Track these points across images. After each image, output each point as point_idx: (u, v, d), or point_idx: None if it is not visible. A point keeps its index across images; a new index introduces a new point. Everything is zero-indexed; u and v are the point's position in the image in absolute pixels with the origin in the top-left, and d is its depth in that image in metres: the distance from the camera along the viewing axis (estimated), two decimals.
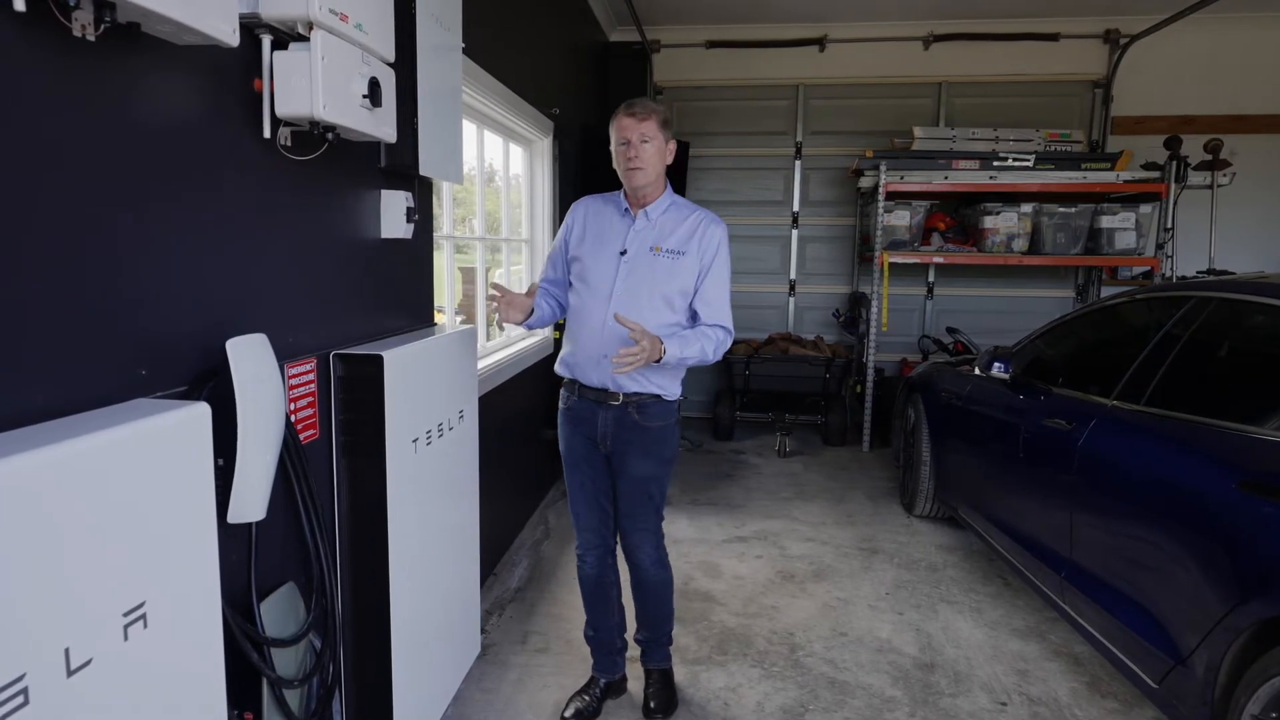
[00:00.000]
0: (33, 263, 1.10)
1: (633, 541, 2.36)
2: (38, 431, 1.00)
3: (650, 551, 2.37)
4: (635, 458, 2.27)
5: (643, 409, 2.24)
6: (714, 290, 2.21)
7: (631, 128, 2.14)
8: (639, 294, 2.19)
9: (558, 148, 4.30)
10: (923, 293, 6.28)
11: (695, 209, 2.27)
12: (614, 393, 2.23)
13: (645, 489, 2.30)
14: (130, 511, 1.06)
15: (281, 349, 1.67)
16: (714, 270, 2.20)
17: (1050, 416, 2.87)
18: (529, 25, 3.79)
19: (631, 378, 2.20)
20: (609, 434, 2.26)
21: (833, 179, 6.28)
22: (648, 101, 2.19)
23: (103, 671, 1.01)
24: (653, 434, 2.26)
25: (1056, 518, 2.72)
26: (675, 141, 2.27)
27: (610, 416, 2.25)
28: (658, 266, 2.19)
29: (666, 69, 6.24)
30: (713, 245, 2.20)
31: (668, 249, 2.19)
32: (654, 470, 2.29)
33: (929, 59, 6.05)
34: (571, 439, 2.35)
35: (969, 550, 3.82)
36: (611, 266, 2.23)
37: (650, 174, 2.17)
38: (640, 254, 2.21)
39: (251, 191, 1.55)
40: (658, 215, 2.24)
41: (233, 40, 1.27)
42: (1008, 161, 5.35)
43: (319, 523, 1.65)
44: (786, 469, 5.20)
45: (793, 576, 3.51)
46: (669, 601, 2.48)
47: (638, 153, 2.14)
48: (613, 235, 2.26)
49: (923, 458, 4.11)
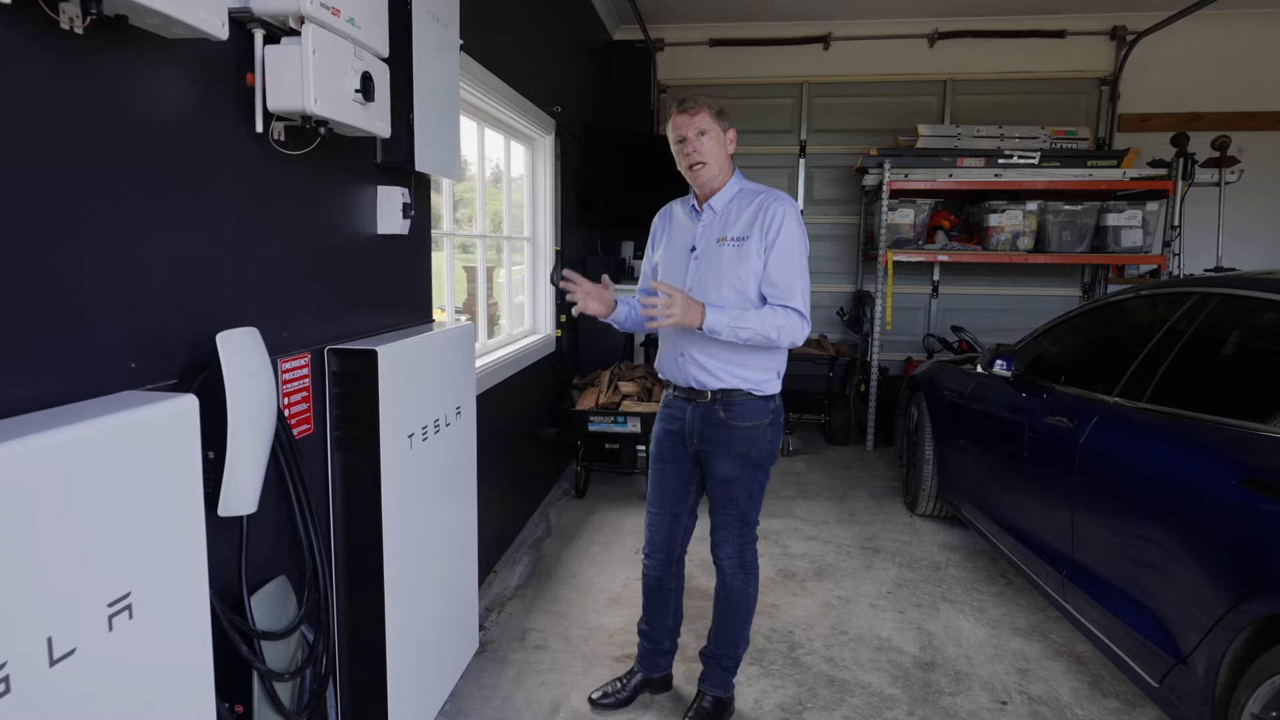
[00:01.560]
0: (21, 255, 1.10)
1: (716, 542, 2.31)
2: (20, 422, 1.00)
3: (732, 555, 2.28)
4: (720, 458, 2.20)
5: (730, 407, 2.17)
6: (778, 269, 2.09)
7: (685, 124, 2.12)
8: (707, 286, 2.16)
9: (560, 146, 4.30)
10: (928, 291, 6.26)
11: (763, 191, 2.18)
12: (700, 390, 2.19)
13: (729, 492, 2.23)
14: (115, 502, 1.06)
15: (275, 343, 1.67)
16: (778, 247, 2.08)
17: (1052, 414, 2.85)
18: (531, 24, 3.79)
19: (711, 373, 2.16)
20: (695, 432, 2.23)
21: (837, 177, 6.26)
22: (698, 95, 2.15)
23: (86, 662, 1.01)
24: (740, 434, 2.17)
25: (1058, 516, 2.71)
26: (735, 130, 2.22)
27: (697, 414, 2.21)
28: (725, 256, 2.14)
29: (670, 67, 6.24)
30: (776, 222, 2.09)
31: (733, 237, 2.14)
32: (739, 473, 2.20)
33: (934, 56, 6.02)
34: (661, 436, 2.33)
35: (972, 549, 3.80)
36: (683, 264, 2.22)
37: (714, 168, 2.14)
38: (708, 247, 2.18)
39: (243, 186, 1.55)
40: (722, 205, 2.20)
41: (221, 34, 1.27)
42: (1013, 159, 5.32)
43: (312, 516, 1.65)
44: (790, 468, 5.18)
45: (794, 575, 3.50)
46: (745, 619, 2.36)
47: (695, 148, 2.12)
48: (684, 235, 2.26)
49: (925, 456, 4.09)
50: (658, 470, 2.37)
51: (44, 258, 1.14)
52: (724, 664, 2.41)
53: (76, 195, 1.19)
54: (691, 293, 2.15)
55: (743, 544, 2.31)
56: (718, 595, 2.38)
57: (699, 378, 2.19)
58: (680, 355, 2.22)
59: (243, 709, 1.43)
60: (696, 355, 2.18)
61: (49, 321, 1.14)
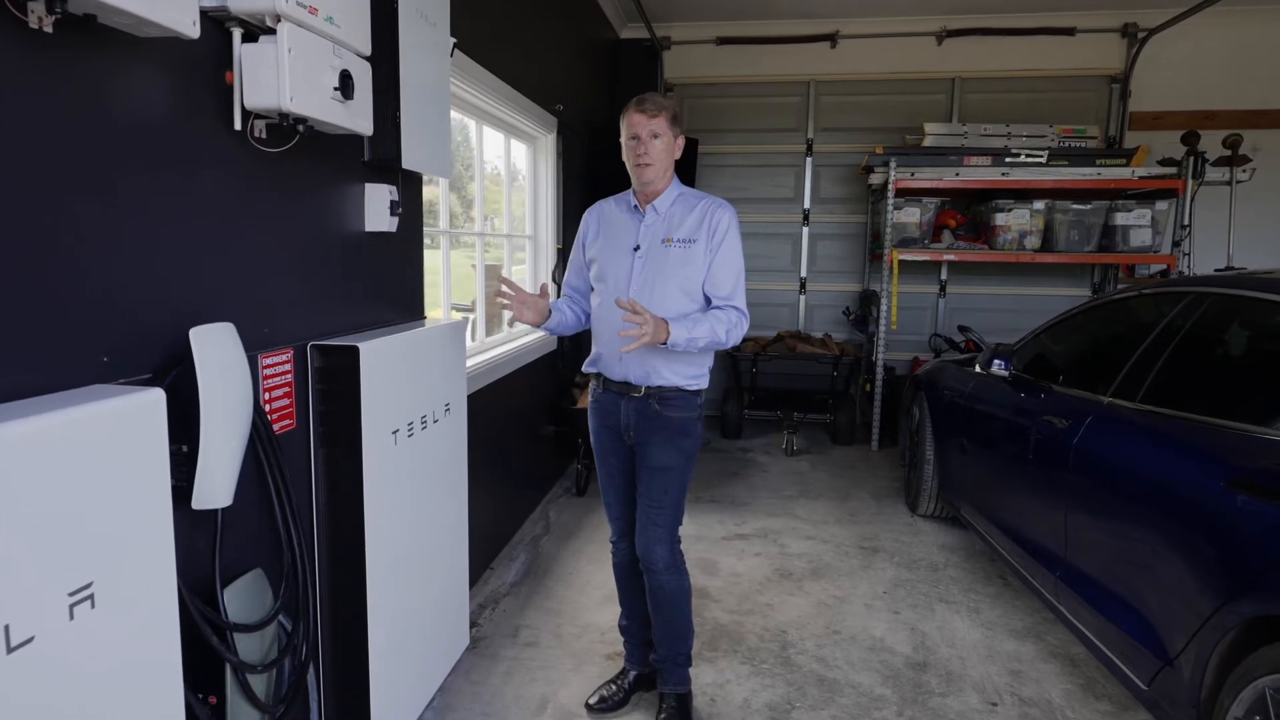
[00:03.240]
0: None
1: (646, 540, 2.29)
2: None
3: (663, 553, 2.28)
4: (655, 447, 2.25)
5: (664, 400, 2.23)
6: (722, 271, 2.20)
7: (642, 124, 2.17)
8: (654, 286, 2.21)
9: (562, 144, 4.31)
10: (935, 291, 6.22)
11: (703, 197, 2.27)
12: (636, 385, 2.25)
13: (663, 483, 2.26)
14: (78, 494, 1.08)
15: (257, 339, 1.69)
16: (722, 251, 2.19)
17: (1048, 414, 2.83)
18: (532, 22, 3.80)
19: (655, 370, 2.21)
20: (632, 425, 2.28)
21: (844, 176, 6.23)
22: (658, 98, 2.21)
23: (46, 650, 1.03)
24: (674, 425, 2.24)
25: (1052, 517, 2.68)
26: (684, 137, 2.29)
27: (632, 408, 2.27)
28: (671, 257, 2.21)
29: (677, 66, 6.23)
30: (721, 228, 2.19)
31: (679, 239, 2.21)
32: (673, 461, 2.25)
33: (942, 54, 5.98)
34: (599, 431, 2.38)
35: (971, 550, 3.78)
36: (626, 263, 2.26)
37: (658, 169, 2.21)
38: (653, 247, 2.24)
39: (222, 183, 1.57)
40: (666, 207, 2.26)
41: (193, 32, 1.29)
42: (1020, 158, 5.28)
43: (291, 509, 1.67)
44: (793, 467, 5.17)
45: (790, 574, 3.49)
46: (686, 615, 2.37)
47: (647, 149, 2.18)
48: (625, 233, 2.30)
49: (926, 456, 4.07)
50: (604, 463, 2.41)
51: (16, 253, 1.16)
52: (679, 661, 2.41)
53: (49, 191, 1.21)
54: (637, 290, 2.21)
55: (673, 542, 2.33)
56: (655, 599, 2.34)
57: (641, 373, 2.24)
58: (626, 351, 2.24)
59: (216, 700, 1.45)
60: (646, 353, 2.21)
61: (20, 315, 1.17)
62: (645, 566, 2.31)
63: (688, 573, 2.37)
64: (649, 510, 2.28)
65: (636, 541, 2.32)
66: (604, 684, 2.53)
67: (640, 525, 2.30)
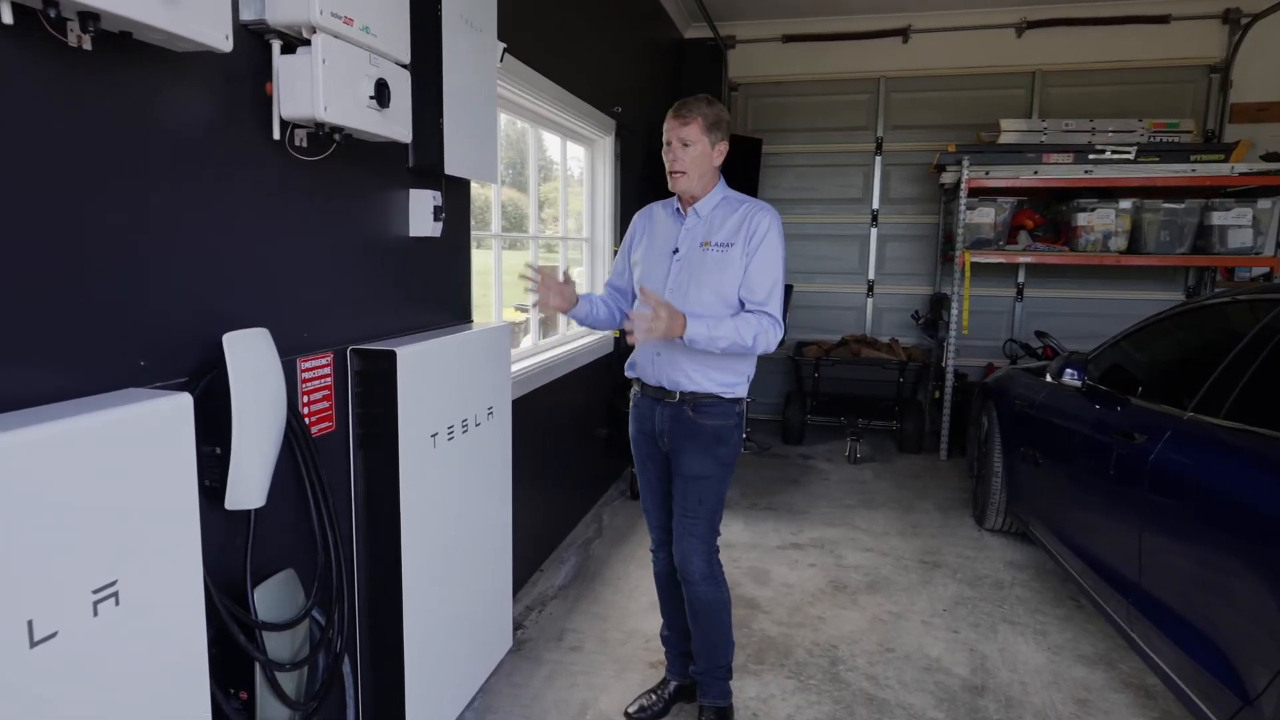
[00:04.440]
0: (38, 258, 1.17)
1: (682, 550, 2.25)
2: (10, 417, 1.06)
3: (699, 564, 2.24)
4: (689, 455, 2.21)
5: (699, 407, 2.19)
6: (758, 276, 2.12)
7: (673, 130, 2.13)
8: (689, 290, 2.18)
9: (620, 146, 4.30)
10: (1012, 294, 5.95)
11: (746, 201, 2.21)
12: (671, 390, 2.22)
13: (697, 492, 2.22)
14: (105, 495, 1.12)
15: (296, 343, 1.73)
16: (759, 255, 2.12)
17: (1123, 428, 2.65)
18: (589, 25, 3.80)
19: (688, 376, 2.18)
20: (666, 431, 2.25)
21: (915, 175, 6.03)
22: (697, 102, 2.14)
23: (69, 645, 1.07)
24: (709, 432, 2.19)
25: (1125, 539, 2.51)
26: (727, 142, 2.19)
27: (667, 414, 2.24)
28: (708, 261, 2.17)
29: (741, 65, 6.15)
30: (760, 231, 2.12)
31: (717, 242, 2.17)
32: (708, 470, 2.20)
33: (1021, 47, 5.71)
34: (637, 436, 2.37)
35: (1040, 569, 3.59)
36: (664, 266, 2.24)
37: (692, 179, 2.16)
38: (691, 251, 2.20)
39: (261, 192, 1.61)
40: (708, 211, 2.22)
41: (225, 46, 1.32)
42: (1105, 154, 4.99)
43: (327, 510, 1.70)
44: (855, 476, 5.03)
45: (844, 587, 3.39)
46: (724, 626, 2.32)
47: (677, 156, 2.14)
48: (667, 236, 2.27)
49: (994, 468, 3.89)
50: (643, 469, 2.39)
51: (59, 261, 1.21)
52: (718, 674, 2.37)
53: (93, 202, 1.26)
54: (671, 293, 2.18)
55: (710, 552, 2.28)
56: (692, 610, 2.31)
57: (673, 378, 2.21)
58: (658, 355, 2.23)
59: (247, 695, 1.48)
60: (677, 357, 2.19)
61: (61, 321, 1.22)
62: (682, 577, 2.27)
63: (726, 584, 2.32)
64: (684, 519, 2.24)
65: (674, 551, 2.28)
66: (644, 693, 2.50)
67: (676, 535, 2.27)
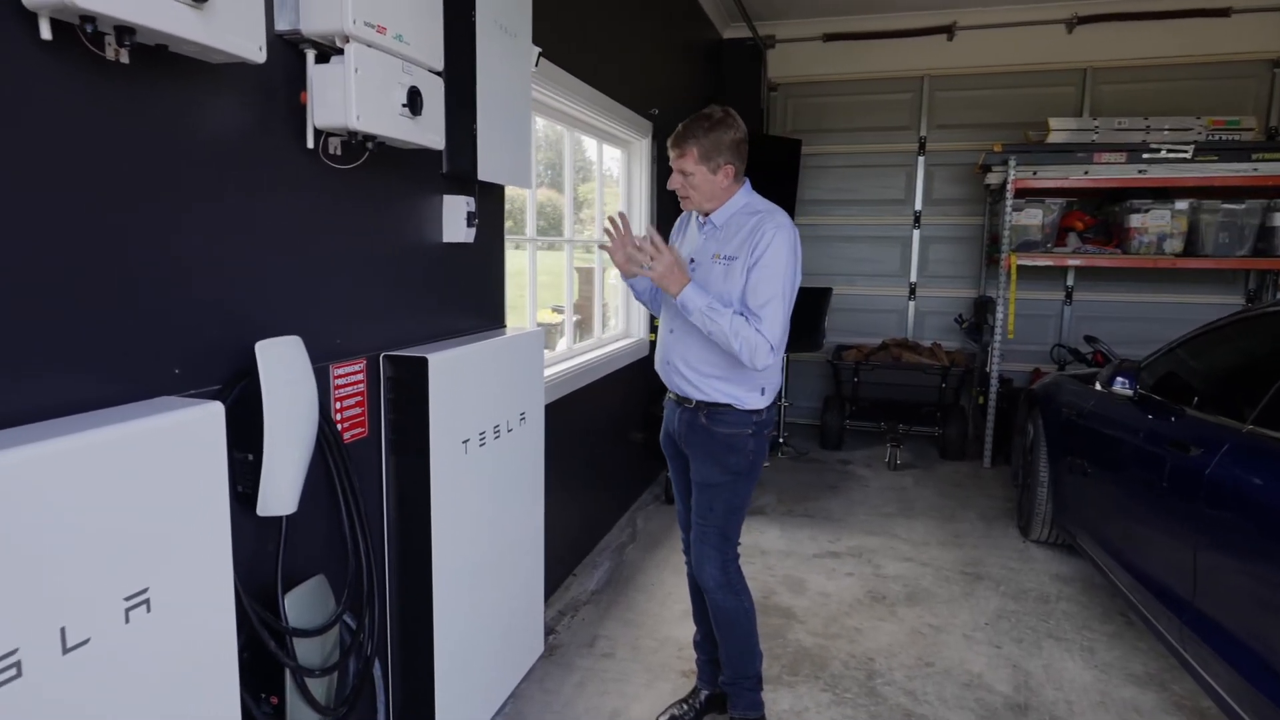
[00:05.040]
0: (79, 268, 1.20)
1: (697, 556, 2.25)
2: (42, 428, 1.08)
3: (713, 572, 2.22)
4: (700, 461, 2.21)
5: (713, 415, 2.18)
6: (754, 291, 2.04)
7: (672, 159, 2.16)
8: None
9: (657, 148, 4.28)
10: (1060, 297, 5.78)
11: (760, 211, 2.15)
12: (687, 397, 2.21)
13: (708, 499, 2.21)
14: (136, 503, 1.13)
15: (329, 349, 1.75)
16: (759, 267, 2.04)
17: (1178, 440, 2.55)
18: (626, 27, 3.79)
19: (693, 385, 2.17)
20: (681, 436, 2.26)
21: (959, 175, 5.90)
22: (692, 130, 2.09)
23: (101, 651, 1.08)
24: (720, 440, 2.17)
25: (1178, 555, 2.41)
26: (735, 162, 2.13)
27: (683, 419, 2.24)
28: (714, 273, 2.14)
29: (781, 65, 6.08)
30: (764, 243, 2.05)
31: (725, 255, 2.14)
32: (717, 478, 2.18)
33: (1072, 43, 5.55)
34: (664, 437, 2.39)
35: (1088, 582, 3.47)
36: None
37: (700, 198, 2.17)
38: (704, 262, 2.19)
39: (294, 200, 1.62)
40: (723, 220, 2.19)
41: (259, 58, 1.33)
42: (1160, 153, 4.81)
43: (359, 515, 1.71)
44: (895, 482, 4.93)
45: (883, 598, 3.32)
46: (746, 636, 2.29)
47: (680, 184, 2.17)
48: (690, 244, 2.27)
49: (1040, 478, 3.78)
50: (671, 471, 2.41)
51: (97, 270, 1.23)
52: (746, 685, 2.34)
53: (130, 212, 1.28)
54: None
55: (725, 561, 2.24)
56: (714, 619, 2.30)
57: (682, 387, 2.22)
58: (667, 363, 2.26)
59: (278, 700, 1.50)
60: (680, 366, 2.20)
61: (99, 330, 1.24)
62: (700, 585, 2.27)
63: (748, 593, 2.29)
64: (698, 526, 2.24)
65: (691, 557, 2.26)
66: (675, 703, 2.47)
67: (693, 540, 2.28)
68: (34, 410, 1.13)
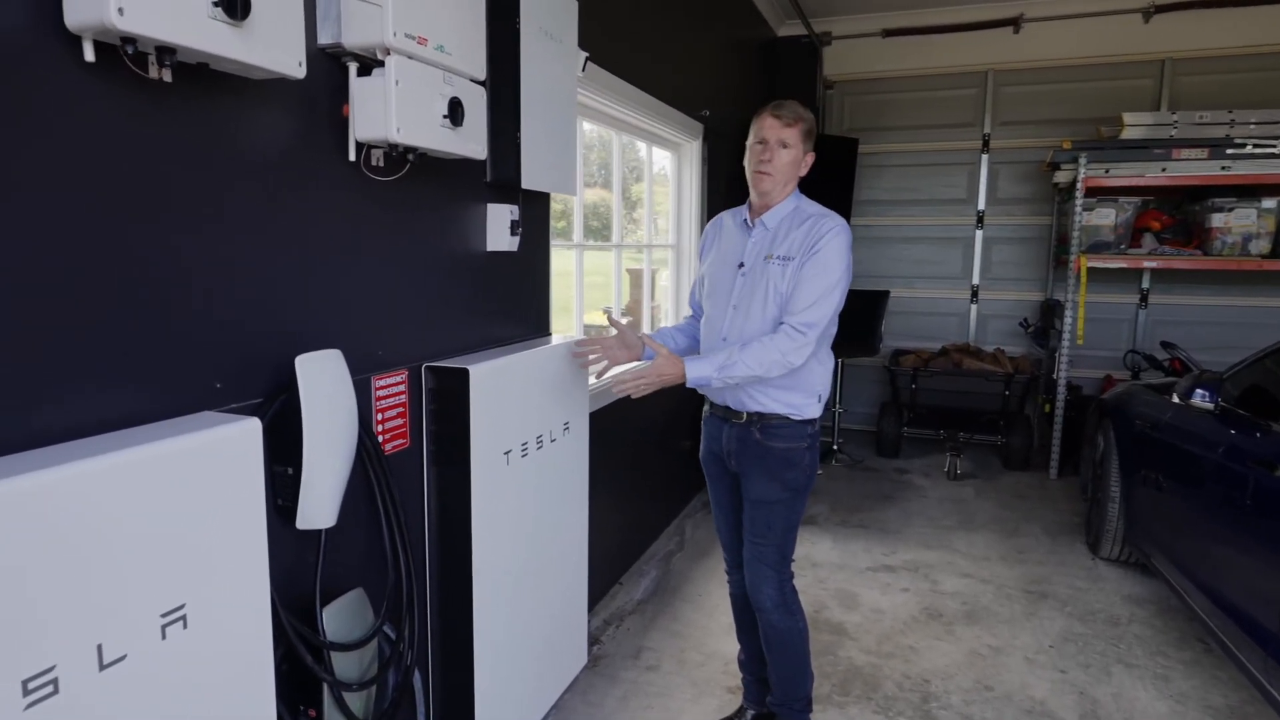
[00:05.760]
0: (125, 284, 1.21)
1: (752, 578, 2.18)
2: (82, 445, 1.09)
3: (770, 593, 2.16)
4: (756, 479, 2.13)
5: (767, 429, 2.10)
6: (803, 285, 1.99)
7: (773, 129, 2.05)
8: (753, 303, 2.09)
9: (708, 150, 4.22)
10: (1134, 301, 5.51)
11: (813, 213, 2.09)
12: (737, 410, 2.14)
13: (765, 518, 2.13)
14: (174, 520, 1.14)
15: (370, 361, 1.75)
16: (811, 263, 1.99)
17: (1263, 457, 2.38)
18: (676, 28, 3.74)
19: (750, 396, 2.10)
20: (733, 452, 2.18)
21: (1025, 174, 5.68)
22: (799, 107, 2.07)
23: (137, 668, 1.09)
24: (776, 455, 2.10)
25: (1264, 581, 2.26)
26: (814, 154, 2.13)
27: (734, 434, 2.16)
28: (770, 275, 2.06)
29: (838, 62, 5.94)
30: (823, 241, 2.00)
31: (779, 255, 2.07)
32: (775, 495, 2.11)
33: (1149, 33, 5.27)
34: (706, 455, 2.32)
35: (1163, 605, 3.28)
36: (730, 280, 2.16)
37: (778, 181, 2.07)
38: (756, 265, 2.11)
39: (337, 213, 1.63)
40: (775, 223, 2.12)
41: (299, 73, 1.33)
42: (1246, 148, 4.54)
43: (399, 527, 1.70)
44: (955, 493, 4.76)
45: (940, 615, 3.19)
46: (801, 657, 2.23)
47: (772, 156, 2.05)
48: (734, 249, 2.19)
49: (1111, 492, 3.59)
50: (712, 489, 2.34)
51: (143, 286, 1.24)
52: (796, 707, 2.27)
53: (174, 227, 1.29)
54: (735, 309, 2.12)
55: (782, 581, 2.17)
56: (766, 639, 2.22)
57: (738, 398, 2.13)
58: None
59: (315, 713, 1.50)
60: None
61: (141, 346, 1.25)
62: (754, 605, 2.19)
63: (802, 612, 2.22)
64: (753, 545, 2.16)
65: (745, 577, 2.19)
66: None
67: (746, 561, 2.19)
68: (74, 426, 1.15)
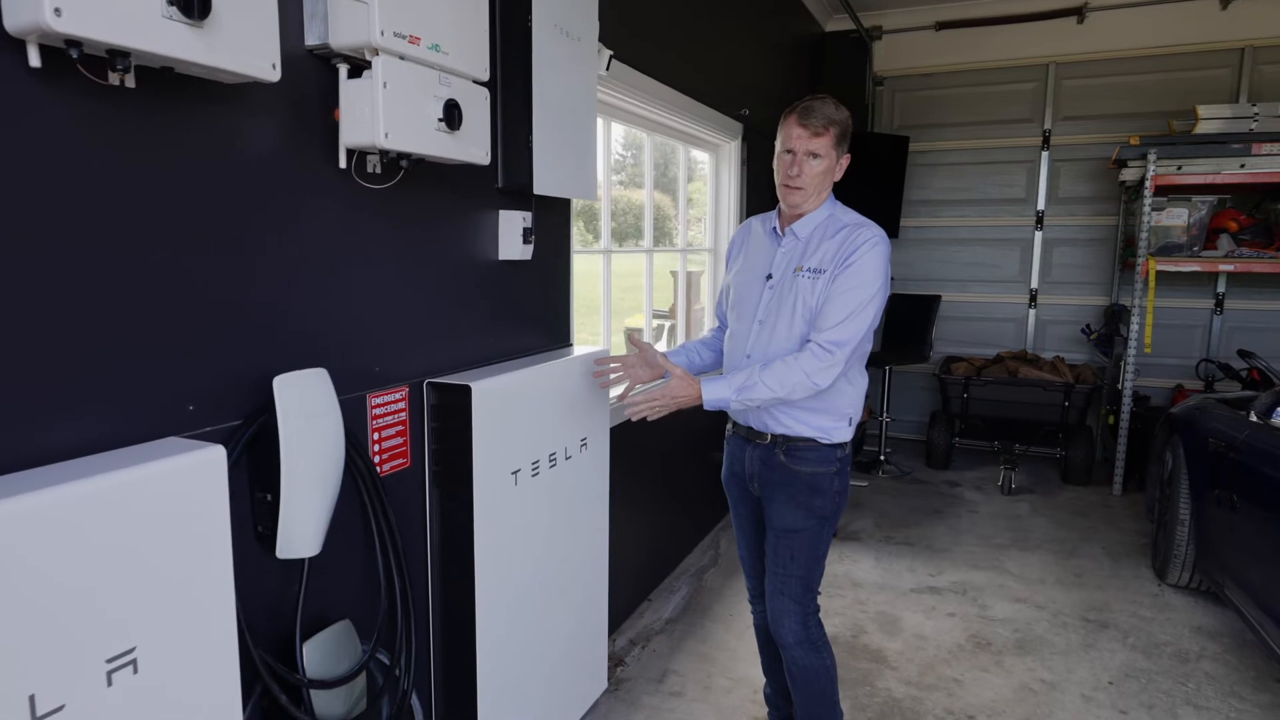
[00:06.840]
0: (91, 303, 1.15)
1: (774, 610, 2.03)
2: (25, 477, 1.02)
3: (794, 627, 2.01)
4: (779, 505, 1.99)
5: (792, 452, 1.96)
6: (834, 300, 1.85)
7: (800, 140, 1.88)
8: (778, 321, 1.95)
9: (747, 150, 4.06)
10: (1208, 306, 5.15)
11: (849, 223, 1.93)
12: (761, 432, 2.01)
13: (789, 546, 1.99)
14: (124, 555, 1.06)
15: (365, 378, 1.67)
16: (844, 276, 1.85)
17: None
18: (713, 23, 3.60)
19: (775, 418, 1.96)
20: (755, 475, 2.05)
21: (1089, 172, 5.36)
22: (829, 109, 1.88)
23: (77, 718, 1.01)
24: (802, 480, 1.96)
25: None
26: (850, 156, 1.96)
27: (757, 457, 2.03)
28: (799, 288, 1.92)
29: (888, 57, 5.71)
30: (857, 252, 1.84)
31: (809, 268, 1.91)
32: (800, 523, 1.97)
33: (1227, 20, 4.92)
34: (728, 478, 2.19)
35: (1238, 640, 3.01)
36: (757, 292, 2.02)
37: (809, 193, 1.92)
38: (784, 277, 1.96)
39: (326, 223, 1.54)
40: (807, 232, 1.96)
41: (272, 76, 1.25)
42: None
43: (394, 551, 1.62)
44: (1009, 509, 4.51)
45: (989, 644, 2.99)
46: (827, 696, 2.08)
47: (800, 169, 1.89)
48: (762, 258, 2.04)
49: (1180, 515, 3.32)
50: (735, 513, 2.20)
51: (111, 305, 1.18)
52: None
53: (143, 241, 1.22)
54: (761, 322, 1.97)
55: (806, 615, 2.01)
56: (790, 676, 2.07)
57: (761, 419, 1.99)
58: None
59: None
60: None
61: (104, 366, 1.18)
62: (776, 640, 2.04)
63: (829, 649, 2.06)
64: (775, 576, 2.01)
65: (766, 609, 2.05)
66: None
67: (768, 592, 2.04)
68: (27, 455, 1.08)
